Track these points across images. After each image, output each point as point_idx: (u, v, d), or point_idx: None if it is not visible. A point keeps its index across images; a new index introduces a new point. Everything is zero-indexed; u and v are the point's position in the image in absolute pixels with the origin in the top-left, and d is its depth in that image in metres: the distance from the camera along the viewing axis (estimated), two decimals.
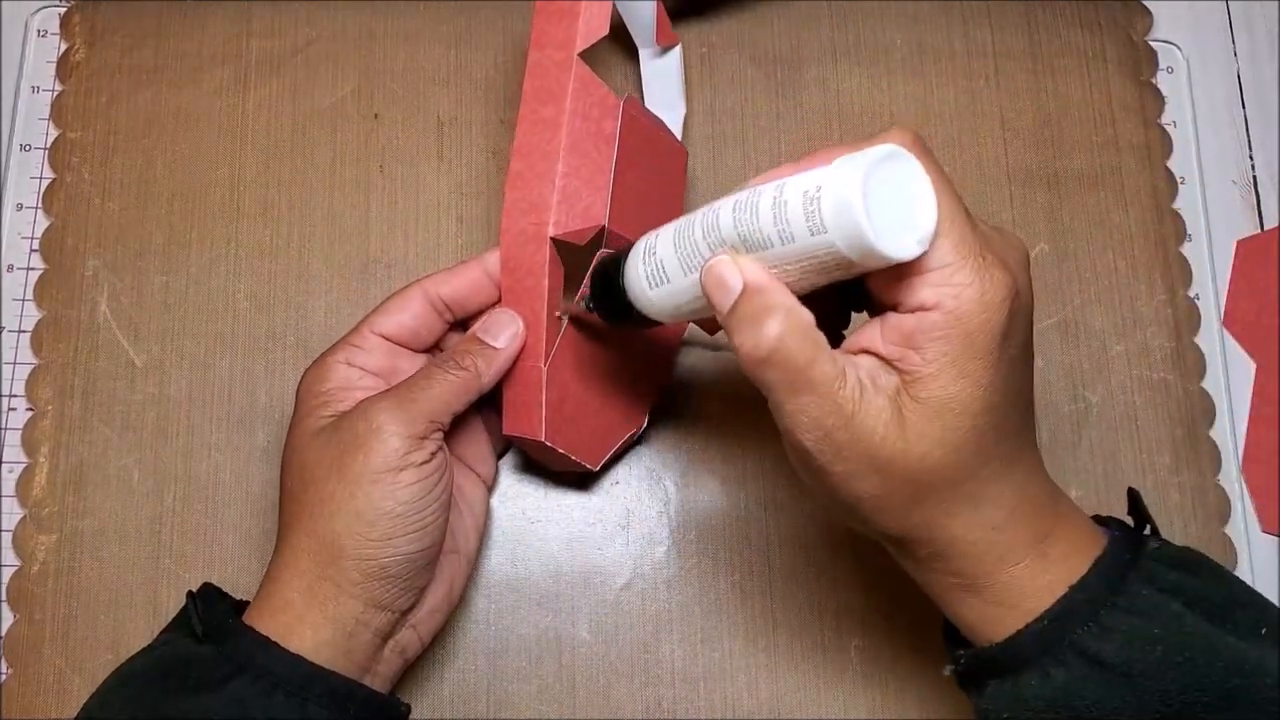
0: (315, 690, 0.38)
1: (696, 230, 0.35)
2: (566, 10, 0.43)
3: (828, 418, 0.32)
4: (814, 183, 0.31)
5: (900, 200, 0.31)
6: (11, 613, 0.47)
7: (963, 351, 0.32)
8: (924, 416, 0.32)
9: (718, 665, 0.48)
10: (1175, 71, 0.57)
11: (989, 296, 0.31)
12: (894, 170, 0.31)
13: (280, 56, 0.54)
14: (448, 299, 0.44)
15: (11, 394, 0.50)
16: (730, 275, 0.33)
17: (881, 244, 0.30)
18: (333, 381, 0.42)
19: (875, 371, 0.33)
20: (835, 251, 0.31)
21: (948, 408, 0.32)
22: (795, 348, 0.32)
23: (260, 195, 0.53)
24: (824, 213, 0.30)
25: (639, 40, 0.50)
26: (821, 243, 0.31)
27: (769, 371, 0.33)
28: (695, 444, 0.51)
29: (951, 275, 0.31)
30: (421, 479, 0.39)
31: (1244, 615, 0.35)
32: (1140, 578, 0.34)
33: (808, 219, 0.31)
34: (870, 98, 0.55)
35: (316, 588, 0.39)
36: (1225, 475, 0.51)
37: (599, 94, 0.43)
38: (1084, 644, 0.33)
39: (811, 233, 0.31)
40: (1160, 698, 0.33)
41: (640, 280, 0.38)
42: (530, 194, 0.43)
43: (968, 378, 0.32)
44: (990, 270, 0.32)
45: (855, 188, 0.30)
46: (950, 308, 0.31)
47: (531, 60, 0.43)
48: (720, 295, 0.33)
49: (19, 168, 0.53)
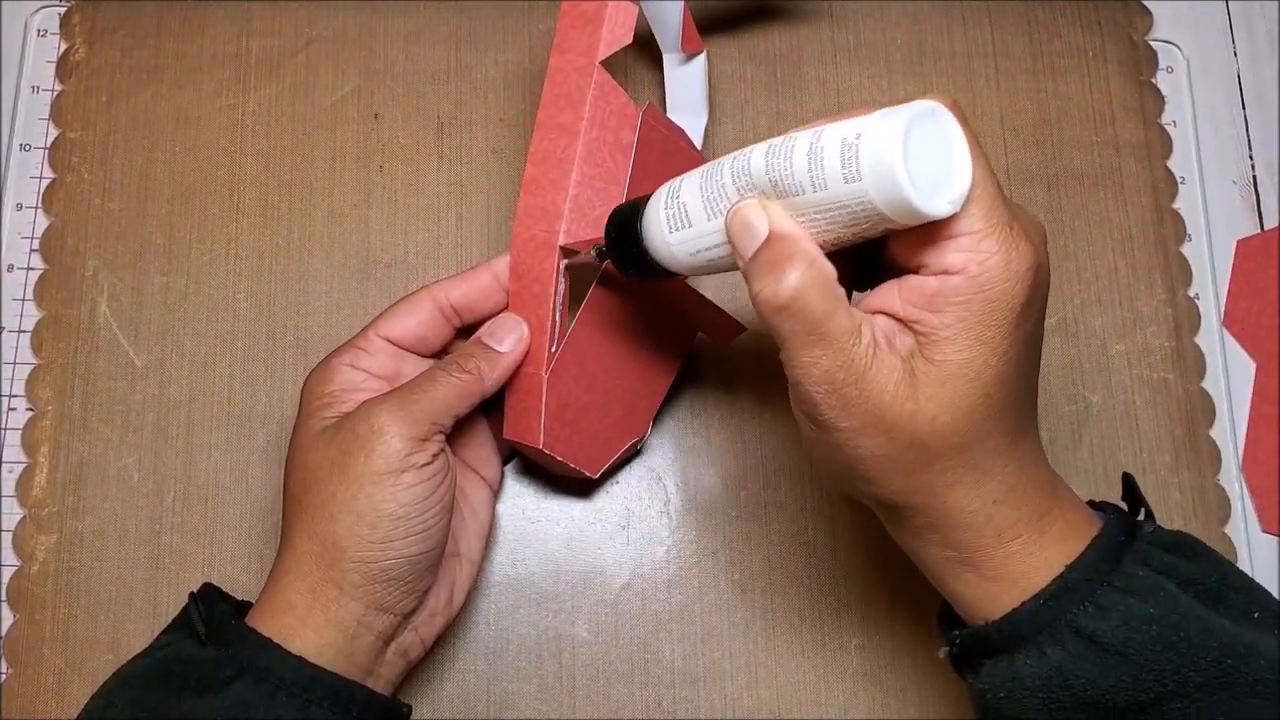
0: (317, 692, 0.38)
1: (725, 173, 0.34)
2: (591, 15, 0.42)
3: (839, 371, 0.32)
4: (854, 130, 0.30)
5: (937, 158, 0.31)
6: (11, 613, 0.47)
7: (983, 318, 0.32)
8: (937, 380, 0.32)
9: (718, 665, 0.48)
10: (1175, 71, 0.57)
11: (1014, 266, 0.32)
12: (934, 127, 0.31)
13: (280, 56, 0.54)
14: (456, 304, 0.44)
15: (11, 394, 0.50)
16: (757, 219, 0.33)
17: (916, 198, 0.30)
18: (336, 384, 0.42)
19: (891, 331, 0.33)
20: (867, 202, 0.30)
21: (962, 373, 0.32)
22: (815, 298, 0.32)
23: (260, 195, 0.53)
24: (861, 161, 0.30)
25: (664, 45, 0.50)
26: (855, 191, 0.30)
27: (786, 320, 0.32)
28: (695, 444, 0.51)
29: (979, 242, 0.31)
30: (423, 481, 0.39)
31: (1237, 598, 0.35)
32: (1136, 559, 0.35)
33: (844, 165, 0.30)
34: (870, 98, 0.55)
35: (318, 589, 0.39)
36: (1225, 475, 0.52)
37: (618, 103, 0.43)
38: (1080, 623, 0.34)
39: (846, 180, 0.30)
40: (1155, 677, 0.33)
41: (660, 224, 0.37)
42: (543, 200, 0.42)
43: (985, 344, 0.32)
44: (1017, 241, 0.32)
45: (896, 138, 0.29)
46: (975, 273, 0.31)
47: (552, 65, 0.43)
48: (744, 238, 0.33)
49: (19, 168, 0.53)
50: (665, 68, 0.51)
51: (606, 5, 0.42)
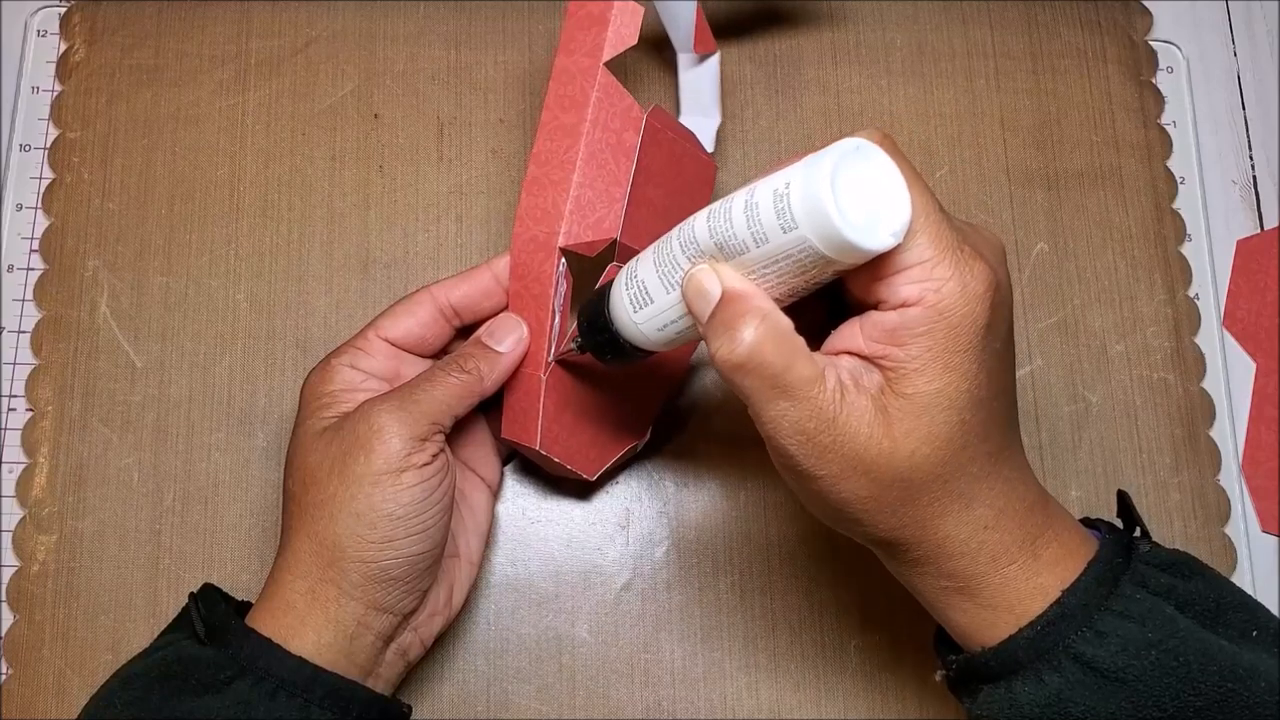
0: (317, 692, 0.38)
1: (674, 245, 0.35)
2: (597, 16, 0.42)
3: (808, 421, 0.32)
4: (783, 180, 0.31)
5: (871, 193, 0.31)
6: (11, 613, 0.47)
7: (947, 345, 0.32)
8: (910, 413, 0.32)
9: (718, 665, 0.48)
10: (1175, 71, 0.57)
11: (970, 289, 0.32)
12: (863, 163, 0.31)
13: (280, 56, 0.54)
14: (457, 304, 0.44)
15: (11, 394, 0.50)
16: (709, 283, 0.33)
17: (854, 234, 0.30)
18: (336, 384, 0.42)
19: (857, 371, 0.33)
20: (809, 247, 0.30)
21: (935, 402, 0.32)
22: (771, 351, 0.32)
23: (260, 195, 0.53)
24: (794, 207, 0.30)
25: (677, 45, 0.50)
26: (795, 239, 0.31)
27: (745, 378, 0.32)
28: (695, 444, 0.51)
29: (931, 270, 0.31)
30: (422, 481, 0.39)
31: (1235, 617, 0.35)
32: (1133, 581, 0.34)
33: (779, 216, 0.31)
34: (870, 98, 0.55)
35: (318, 590, 0.39)
36: (1225, 475, 0.51)
37: (623, 104, 0.43)
38: (1078, 649, 0.33)
39: (784, 230, 0.31)
40: (1154, 703, 0.33)
41: (625, 306, 0.37)
42: (544, 201, 0.42)
43: (953, 371, 0.32)
44: (970, 263, 0.32)
45: (823, 179, 0.30)
46: (933, 302, 0.31)
47: (558, 65, 0.43)
48: (699, 304, 0.33)
49: (19, 168, 0.53)
50: (679, 69, 0.51)
51: (612, 6, 0.42)
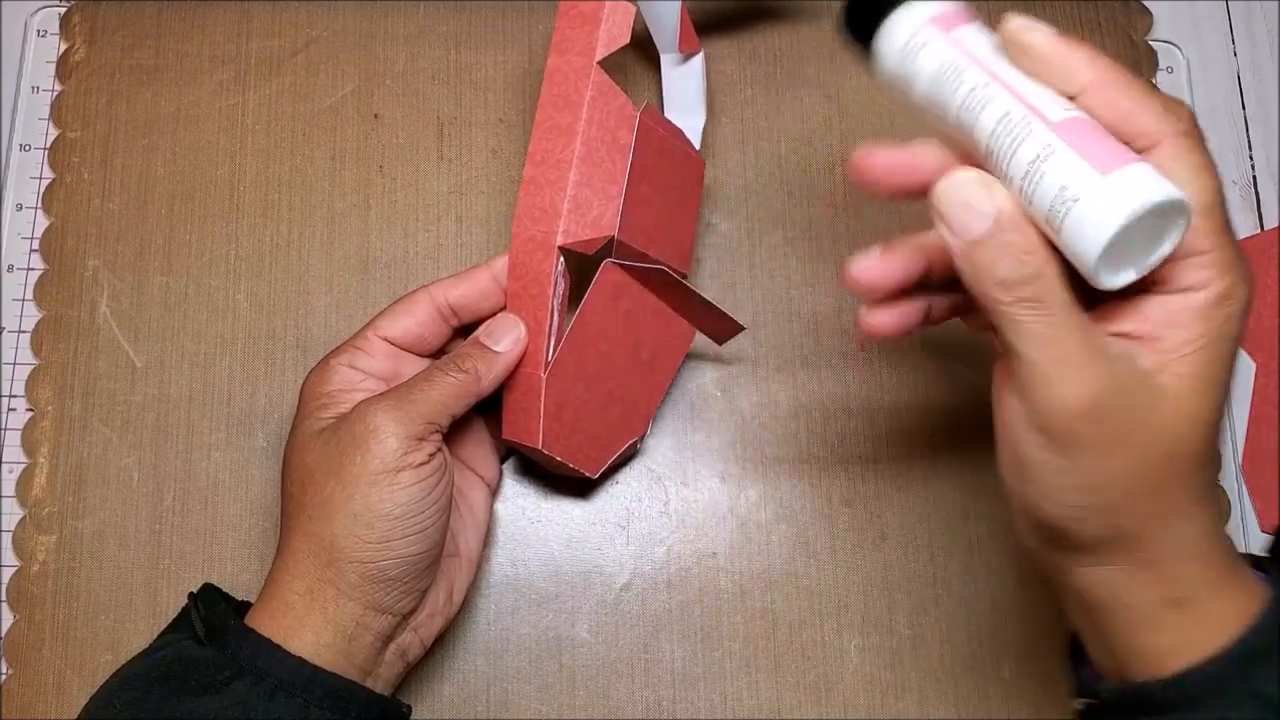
0: (317, 692, 0.38)
1: (962, 88, 0.33)
2: (589, 16, 0.42)
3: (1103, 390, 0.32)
4: (1076, 184, 0.30)
5: (1147, 232, 0.30)
6: (11, 613, 0.47)
7: (1220, 333, 0.32)
8: (1183, 393, 0.32)
9: (718, 665, 0.48)
10: (1175, 71, 0.57)
11: (1242, 289, 0.32)
12: (1157, 216, 0.30)
13: (280, 56, 0.54)
14: (455, 304, 0.44)
15: (11, 394, 0.50)
16: (981, 200, 0.31)
17: (1101, 275, 0.30)
18: (334, 384, 0.42)
19: (1128, 347, 0.33)
20: (1061, 243, 0.31)
21: (1204, 387, 0.32)
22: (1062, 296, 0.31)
23: (260, 195, 0.53)
24: (1066, 221, 0.30)
25: (661, 45, 0.50)
26: (1050, 229, 0.31)
27: (1027, 314, 0.31)
28: (695, 444, 0.51)
29: (1218, 259, 0.32)
30: (419, 481, 0.39)
31: None
32: None
33: (1050, 208, 0.30)
34: (870, 97, 0.55)
35: (316, 590, 0.39)
36: (1225, 475, 0.51)
37: (617, 103, 0.43)
38: (1259, 687, 0.32)
39: (1047, 220, 0.31)
40: None
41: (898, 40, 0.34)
42: (541, 201, 0.42)
43: (1221, 360, 0.32)
44: (1242, 261, 0.32)
45: (1107, 232, 0.29)
46: (1218, 289, 0.32)
47: (551, 65, 0.43)
48: (966, 217, 0.32)
49: (19, 168, 0.53)
50: (663, 68, 0.51)
51: (604, 5, 0.42)
